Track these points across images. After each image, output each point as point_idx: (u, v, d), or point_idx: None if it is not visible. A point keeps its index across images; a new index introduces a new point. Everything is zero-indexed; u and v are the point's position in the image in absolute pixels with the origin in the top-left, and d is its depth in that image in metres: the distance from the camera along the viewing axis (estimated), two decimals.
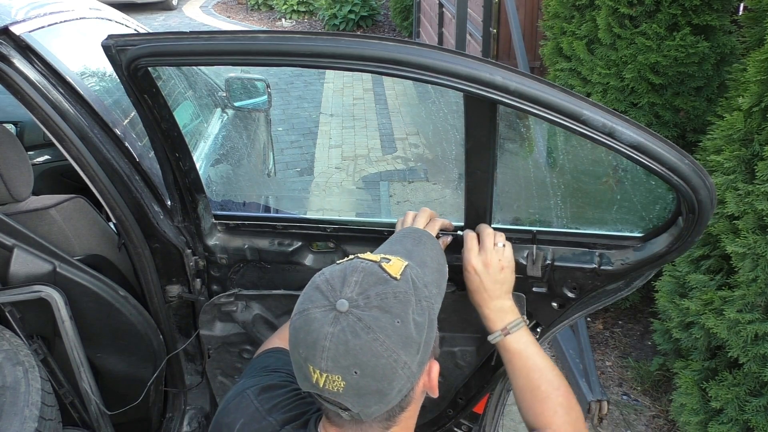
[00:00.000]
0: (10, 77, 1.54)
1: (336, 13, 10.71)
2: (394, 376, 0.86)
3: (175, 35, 1.28)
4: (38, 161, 3.07)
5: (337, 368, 0.85)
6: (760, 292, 2.10)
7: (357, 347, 0.85)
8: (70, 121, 1.61)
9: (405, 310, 0.88)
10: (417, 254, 1.08)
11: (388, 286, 0.89)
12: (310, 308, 0.88)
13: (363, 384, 0.85)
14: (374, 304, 0.87)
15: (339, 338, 0.85)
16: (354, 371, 0.85)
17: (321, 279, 0.91)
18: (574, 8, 3.33)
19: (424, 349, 0.90)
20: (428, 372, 0.95)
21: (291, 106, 7.16)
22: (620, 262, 1.41)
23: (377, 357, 0.85)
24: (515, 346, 1.27)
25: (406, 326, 0.87)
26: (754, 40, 2.42)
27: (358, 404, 0.87)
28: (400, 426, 0.95)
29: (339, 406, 0.88)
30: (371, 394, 0.86)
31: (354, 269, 0.91)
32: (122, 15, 2.65)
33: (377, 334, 0.85)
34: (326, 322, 0.86)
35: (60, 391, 1.88)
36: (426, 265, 1.05)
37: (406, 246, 1.12)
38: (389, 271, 0.91)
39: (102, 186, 1.65)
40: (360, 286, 0.88)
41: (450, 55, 1.13)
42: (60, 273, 1.76)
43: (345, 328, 0.85)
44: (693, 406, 2.35)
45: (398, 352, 0.86)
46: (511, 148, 1.62)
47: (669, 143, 1.14)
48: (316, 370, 0.86)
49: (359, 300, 0.87)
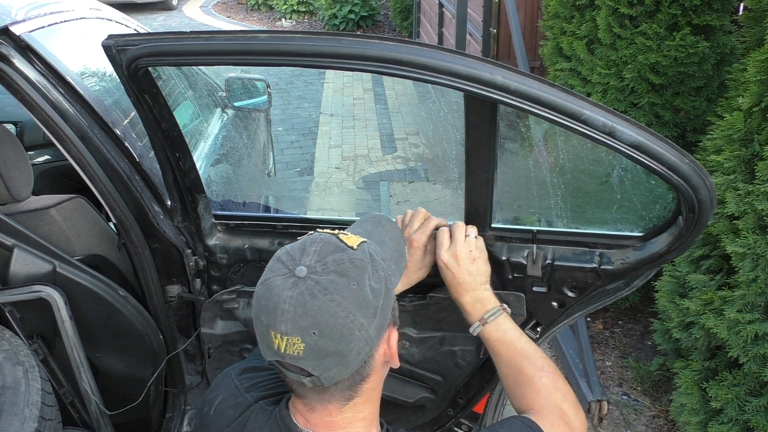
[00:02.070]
0: (10, 77, 1.54)
1: (336, 13, 10.71)
2: (351, 337, 0.90)
3: (175, 35, 1.28)
4: (38, 161, 3.07)
5: (297, 330, 0.88)
6: (760, 292, 2.10)
7: (315, 308, 0.88)
8: (70, 121, 1.61)
9: (361, 274, 0.92)
10: (376, 235, 1.12)
11: (344, 253, 0.93)
12: (271, 277, 0.92)
13: (322, 345, 0.89)
14: (331, 269, 0.91)
15: (297, 300, 0.89)
16: (312, 332, 0.88)
17: (282, 251, 0.96)
18: (574, 8, 3.33)
19: (382, 314, 0.94)
20: (387, 340, 0.98)
21: (291, 106, 7.16)
22: (620, 262, 1.41)
23: (334, 317, 0.89)
24: (495, 335, 1.27)
25: (362, 289, 0.91)
26: (754, 40, 2.42)
27: (319, 367, 0.90)
28: (363, 398, 0.98)
29: (301, 372, 0.91)
30: (330, 355, 0.90)
31: (313, 240, 0.95)
32: (122, 15, 2.65)
33: (334, 296, 0.89)
34: (286, 287, 0.90)
35: (60, 391, 1.88)
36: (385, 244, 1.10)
37: (366, 228, 1.16)
38: (346, 242, 0.95)
39: (102, 186, 1.65)
40: (318, 255, 0.92)
41: (450, 55, 1.13)
42: (60, 273, 1.76)
43: (303, 291, 0.89)
44: (693, 406, 2.35)
45: (355, 313, 0.90)
46: (511, 148, 1.62)
47: (669, 143, 1.14)
48: (277, 335, 0.89)
49: (317, 266, 0.91)
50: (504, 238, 1.49)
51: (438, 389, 1.71)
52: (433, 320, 1.62)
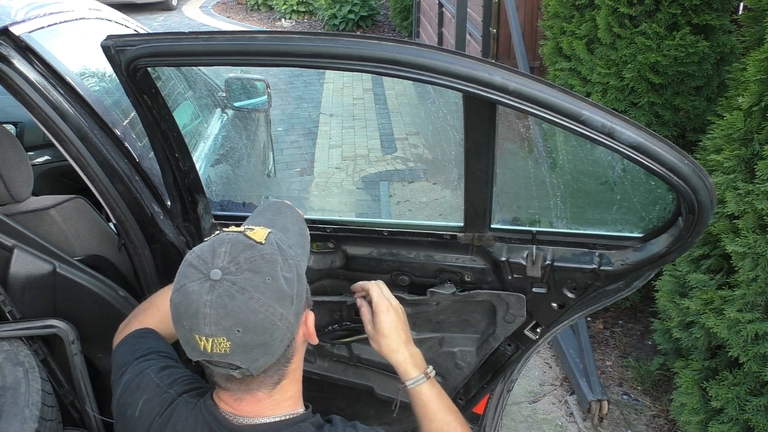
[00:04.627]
0: (9, 78, 1.54)
1: (336, 13, 10.70)
2: (274, 327, 0.94)
3: (174, 36, 1.28)
4: (38, 161, 3.07)
5: (221, 330, 0.92)
6: (761, 292, 2.10)
7: (235, 308, 0.92)
8: (69, 122, 1.61)
9: (274, 268, 0.96)
10: (279, 222, 1.15)
11: (254, 250, 0.96)
12: (186, 283, 0.95)
13: (247, 340, 0.93)
14: (245, 268, 0.94)
15: (217, 303, 0.92)
16: (236, 330, 0.92)
17: (192, 256, 0.97)
18: (574, 8, 3.33)
19: (297, 300, 0.99)
20: (305, 321, 1.04)
21: (291, 106, 7.16)
22: (620, 263, 1.41)
23: (255, 313, 0.92)
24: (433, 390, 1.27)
25: (277, 282, 0.95)
26: (754, 40, 2.42)
27: (247, 360, 0.94)
28: (288, 378, 1.04)
29: (229, 366, 0.95)
30: (257, 347, 0.94)
31: (222, 241, 0.97)
32: (122, 15, 2.65)
33: (252, 293, 0.92)
34: (203, 291, 0.92)
35: (60, 392, 1.87)
36: (288, 231, 1.12)
37: (267, 216, 1.18)
38: (254, 238, 0.98)
39: (102, 186, 1.65)
40: (229, 255, 0.95)
41: (449, 56, 1.13)
42: (60, 273, 1.76)
43: (222, 294, 0.92)
44: (693, 405, 2.34)
45: (274, 306, 0.94)
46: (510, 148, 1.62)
47: (669, 143, 1.14)
48: (202, 338, 0.93)
49: (230, 267, 0.94)
50: (503, 239, 1.49)
51: None
52: (432, 322, 1.62)
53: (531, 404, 2.96)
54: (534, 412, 2.91)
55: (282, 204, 1.24)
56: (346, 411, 1.86)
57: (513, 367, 1.66)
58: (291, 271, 0.98)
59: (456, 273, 1.56)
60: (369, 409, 1.83)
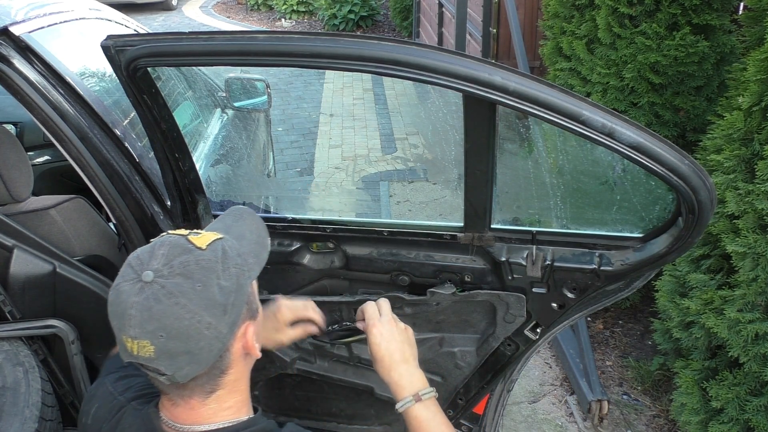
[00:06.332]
0: (9, 78, 1.54)
1: (336, 13, 10.70)
2: (200, 336, 0.92)
3: (174, 36, 1.28)
4: (38, 161, 3.07)
5: (145, 334, 0.91)
6: (761, 292, 2.10)
7: (160, 312, 0.91)
8: (69, 122, 1.61)
9: (207, 275, 0.94)
10: (236, 229, 1.13)
11: (191, 255, 0.95)
12: (121, 282, 0.94)
13: (171, 346, 0.91)
14: (177, 272, 0.93)
15: (143, 306, 0.91)
16: (160, 335, 0.91)
17: (133, 255, 0.97)
18: (574, 8, 3.33)
19: (233, 310, 0.96)
20: (244, 334, 1.00)
21: (291, 106, 7.16)
22: (620, 263, 1.41)
23: (179, 319, 0.91)
24: (424, 414, 1.22)
25: (208, 290, 0.93)
26: (754, 40, 2.42)
27: (171, 366, 0.93)
28: (227, 390, 1.01)
29: (156, 371, 0.94)
30: (181, 355, 0.92)
31: (162, 243, 0.97)
32: (122, 15, 2.65)
33: (179, 299, 0.91)
34: (133, 292, 0.92)
35: (60, 392, 1.88)
36: (244, 238, 1.10)
37: (227, 222, 1.17)
38: (195, 243, 0.97)
39: (102, 186, 1.65)
40: (166, 258, 0.94)
41: (449, 56, 1.13)
42: (60, 273, 1.76)
43: (149, 296, 0.91)
44: (693, 405, 2.34)
45: (201, 314, 0.92)
46: (510, 148, 1.62)
47: (669, 143, 1.14)
48: (128, 339, 0.92)
49: (164, 270, 0.93)
50: (503, 239, 1.49)
51: (438, 391, 1.70)
52: (432, 322, 1.62)
53: (531, 404, 2.96)
54: (534, 412, 2.91)
55: (244, 211, 1.22)
56: (346, 411, 1.86)
57: (513, 367, 1.66)
58: (229, 280, 0.96)
59: (456, 273, 1.56)
60: (369, 409, 1.83)
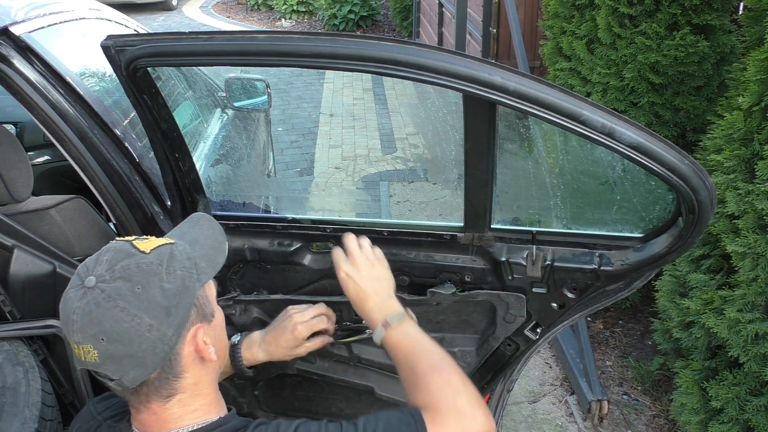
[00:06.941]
0: (10, 78, 1.54)
1: (336, 13, 10.71)
2: (141, 338, 0.93)
3: (174, 36, 1.28)
4: (38, 161, 3.07)
5: (87, 338, 0.93)
6: (761, 292, 2.10)
7: (99, 316, 0.92)
8: (69, 122, 1.61)
9: (148, 278, 0.95)
10: (190, 234, 1.14)
11: (133, 259, 0.96)
12: (68, 289, 0.96)
13: (113, 350, 0.93)
14: (118, 276, 0.94)
15: (84, 310, 0.92)
16: (101, 338, 0.92)
17: (82, 264, 0.99)
18: (574, 8, 3.33)
19: (177, 312, 0.96)
20: (194, 337, 1.00)
21: (291, 106, 7.16)
22: (620, 263, 1.41)
23: (119, 322, 0.92)
24: (396, 338, 1.22)
25: (148, 292, 0.94)
26: (754, 40, 2.42)
27: (117, 371, 0.94)
28: (188, 393, 1.01)
29: (106, 377, 0.95)
30: (125, 358, 0.93)
31: (107, 249, 0.99)
32: (122, 15, 2.65)
33: (117, 302, 0.92)
34: (76, 298, 0.94)
35: (60, 392, 1.87)
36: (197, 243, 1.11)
37: (183, 229, 1.18)
38: (139, 247, 0.98)
39: (102, 186, 1.65)
40: (109, 263, 0.96)
41: (449, 56, 1.13)
42: (60, 273, 1.76)
43: (90, 301, 0.93)
44: (693, 405, 2.34)
45: (140, 316, 0.93)
46: (510, 148, 1.62)
47: (669, 143, 1.14)
48: (75, 344, 0.94)
49: (106, 275, 0.94)
50: (503, 239, 1.49)
51: None
52: (432, 322, 1.62)
53: (531, 404, 2.96)
54: (534, 412, 2.91)
55: (201, 216, 1.23)
56: (346, 411, 1.86)
57: (513, 367, 1.66)
58: (174, 283, 0.96)
59: (456, 273, 1.56)
60: (369, 409, 1.83)
